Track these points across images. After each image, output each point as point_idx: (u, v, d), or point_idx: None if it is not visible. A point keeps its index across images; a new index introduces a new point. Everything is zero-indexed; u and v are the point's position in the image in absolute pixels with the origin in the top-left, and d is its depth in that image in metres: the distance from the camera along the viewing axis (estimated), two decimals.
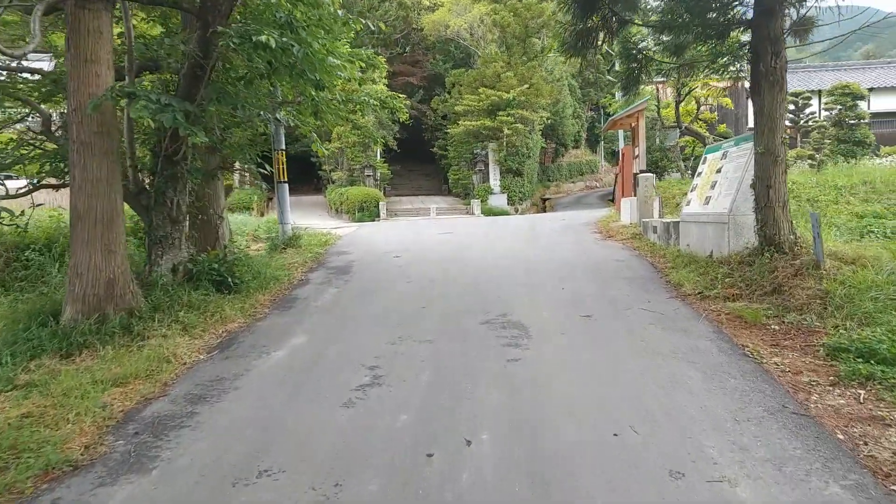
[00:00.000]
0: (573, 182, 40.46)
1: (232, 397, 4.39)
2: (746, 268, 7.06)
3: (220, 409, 4.19)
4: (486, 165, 28.22)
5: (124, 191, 7.29)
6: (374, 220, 22.53)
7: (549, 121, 31.91)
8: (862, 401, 4.00)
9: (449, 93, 30.49)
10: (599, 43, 7.79)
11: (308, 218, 23.62)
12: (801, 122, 25.23)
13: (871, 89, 26.30)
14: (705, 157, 9.69)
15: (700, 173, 9.59)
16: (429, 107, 32.97)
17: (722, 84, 25.36)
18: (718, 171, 8.74)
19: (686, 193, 19.02)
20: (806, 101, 24.82)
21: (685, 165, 24.89)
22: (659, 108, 22.69)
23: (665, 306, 6.69)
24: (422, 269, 9.59)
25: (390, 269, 9.74)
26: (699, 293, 7.02)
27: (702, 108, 24.17)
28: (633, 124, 14.86)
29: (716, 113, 24.75)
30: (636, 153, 14.27)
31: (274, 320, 6.65)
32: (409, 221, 22.70)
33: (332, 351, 5.44)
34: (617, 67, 24.72)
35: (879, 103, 26.65)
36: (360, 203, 23.39)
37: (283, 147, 12.47)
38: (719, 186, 8.45)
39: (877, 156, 22.20)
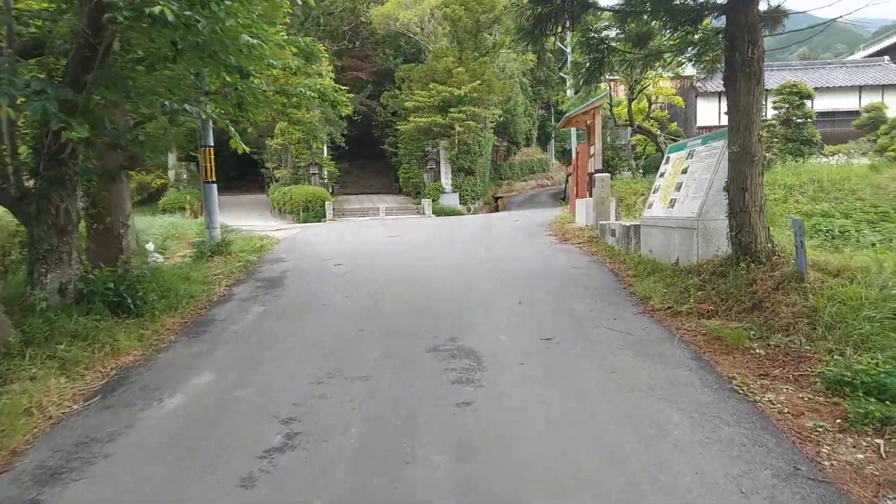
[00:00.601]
0: (525, 180, 40.06)
1: (96, 472, 3.34)
2: (720, 279, 6.38)
3: (73, 495, 3.13)
4: (438, 164, 27.35)
5: (4, 195, 6.08)
6: (319, 221, 21.32)
7: (501, 118, 31.26)
8: (885, 455, 3.28)
9: (399, 88, 29.47)
10: (559, 29, 7.00)
11: (249, 219, 22.20)
12: None
13: (815, 89, 26.65)
14: (668, 157, 9.05)
15: (663, 174, 8.95)
16: (378, 102, 31.84)
17: (672, 83, 25.32)
18: (684, 171, 8.09)
19: (646, 194, 18.63)
20: None
21: (636, 164, 24.67)
22: (611, 107, 22.27)
23: (633, 324, 5.93)
24: (365, 279, 8.61)
25: (329, 280, 8.71)
26: (669, 308, 6.30)
27: (653, 106, 23.95)
28: (588, 122, 14.23)
29: (667, 111, 24.59)
30: (592, 152, 13.65)
31: (179, 351, 5.55)
32: (356, 222, 21.61)
33: (243, 395, 4.41)
34: (570, 61, 24.29)
35: (822, 103, 27.07)
36: (304, 203, 22.13)
37: (211, 143, 11.24)
38: (686, 188, 7.80)
39: (822, 154, 22.42)
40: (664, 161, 9.17)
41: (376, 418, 3.91)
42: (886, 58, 29.45)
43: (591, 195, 13.19)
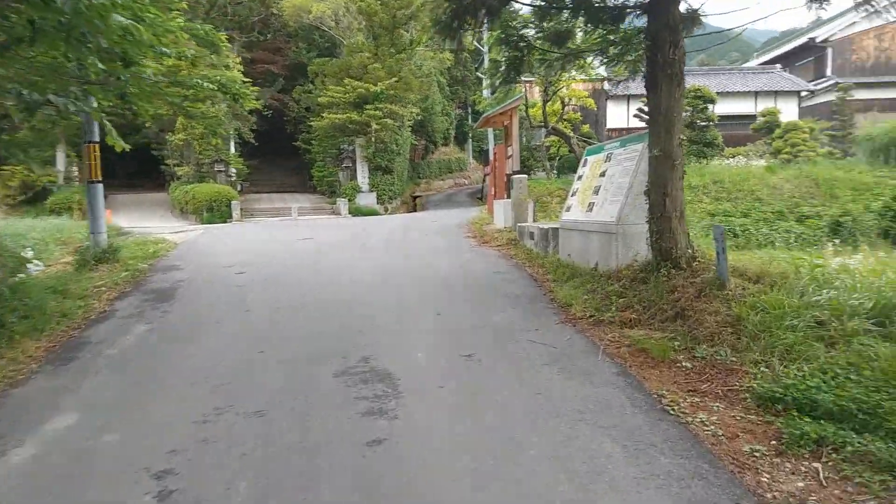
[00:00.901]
0: (443, 179, 39.92)
1: None
2: (641, 285, 6.22)
3: None
4: (354, 162, 26.55)
5: None
6: (225, 222, 20.02)
7: (419, 117, 30.85)
8: (825, 482, 3.08)
9: (312, 83, 28.36)
10: (477, 24, 6.61)
11: (147, 219, 20.54)
12: None
13: (717, 94, 27.97)
14: (586, 159, 8.92)
15: (581, 176, 8.79)
16: (291, 97, 30.55)
17: (584, 86, 25.85)
18: (602, 174, 7.94)
19: (562, 195, 18.75)
20: None
21: (551, 165, 24.98)
22: (527, 108, 22.38)
23: (556, 336, 5.62)
24: (269, 290, 7.88)
25: (229, 291, 7.90)
26: (591, 316, 6.06)
27: (567, 108, 24.32)
28: (505, 122, 14.04)
29: (580, 114, 25.05)
30: (509, 153, 13.46)
31: (38, 385, 4.67)
32: (266, 223, 20.48)
33: (110, 442, 3.67)
34: (487, 60, 24.19)
35: (722, 107, 28.54)
36: (208, 202, 20.74)
37: (96, 139, 10.03)
38: (604, 192, 7.64)
39: (723, 156, 23.58)
40: (581, 163, 9.04)
41: (271, 468, 3.31)
42: (778, 66, 31.52)
43: (509, 196, 12.99)
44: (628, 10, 6.10)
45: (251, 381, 4.68)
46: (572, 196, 8.83)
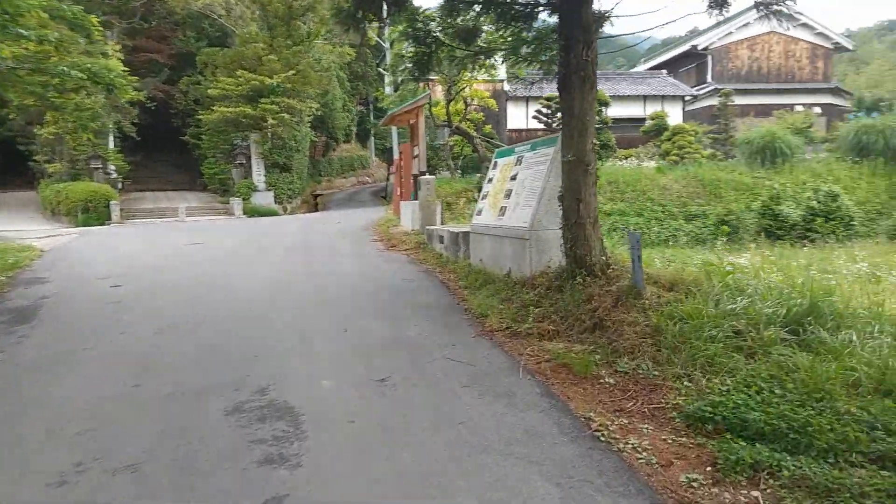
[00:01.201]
0: (345, 177, 38.94)
1: None
2: (557, 294, 6.02)
3: None
4: (249, 158, 25.11)
5: None
6: (104, 224, 18.16)
7: (319, 112, 29.75)
8: None
9: (202, 74, 26.49)
10: (382, 14, 6.11)
11: (14, 222, 18.23)
12: (554, 124, 26.90)
13: (610, 97, 29.10)
14: (496, 162, 8.68)
15: (491, 179, 8.55)
16: (178, 89, 28.40)
17: (485, 86, 25.97)
18: (513, 177, 7.72)
19: (469, 196, 18.59)
20: (558, 106, 26.44)
21: (454, 165, 24.87)
22: (430, 107, 22.07)
23: (474, 351, 5.28)
24: (150, 307, 6.97)
25: (102, 308, 6.91)
26: (508, 328, 5.78)
27: (469, 108, 24.29)
28: (411, 121, 13.62)
29: (482, 114, 25.12)
30: (416, 152, 13.06)
31: None
32: (150, 225, 18.82)
33: None
34: (390, 57, 23.68)
35: (614, 110, 29.78)
36: (83, 203, 18.74)
37: None
38: (516, 196, 7.42)
39: (616, 158, 24.54)
40: (491, 166, 8.80)
41: None
42: (664, 71, 33.39)
43: (416, 197, 12.59)
44: (540, 9, 5.86)
45: (124, 424, 3.94)
46: (483, 199, 8.57)
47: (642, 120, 30.05)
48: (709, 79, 32.46)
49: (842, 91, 32.78)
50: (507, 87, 30.02)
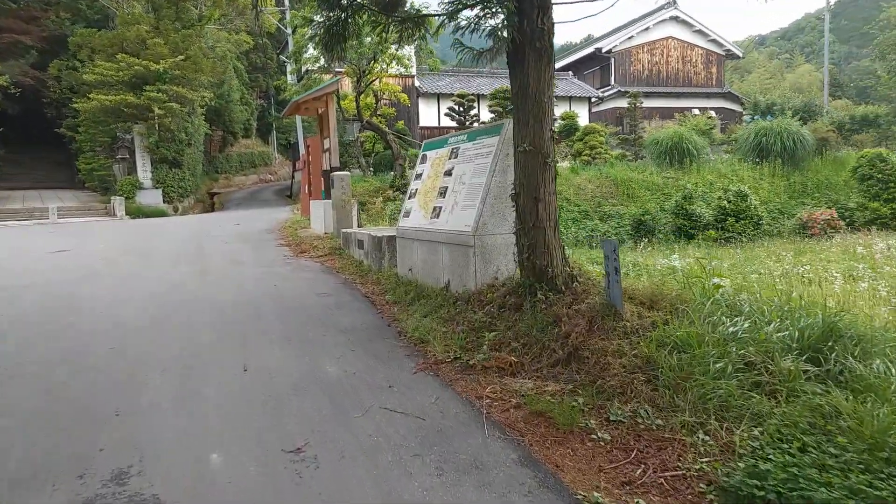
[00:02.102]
0: (245, 174, 36.28)
1: None
2: (513, 314, 4.92)
3: None
4: (133, 153, 22.32)
5: None
6: None
7: (214, 103, 27.25)
8: None
9: (77, 57, 23.32)
10: None
11: None
12: (467, 122, 26.12)
13: None
14: (424, 155, 7.47)
15: (420, 175, 7.34)
16: (51, 75, 24.95)
17: (395, 80, 24.69)
18: (448, 173, 6.56)
19: (387, 195, 17.22)
20: (470, 103, 25.70)
21: (366, 162, 23.42)
22: (338, 99, 20.51)
23: (419, 395, 4.05)
24: None
25: None
26: (457, 359, 4.61)
27: (380, 102, 22.91)
28: (320, 110, 12.12)
29: (394, 108, 23.83)
30: (326, 146, 11.59)
31: None
32: (14, 228, 15.98)
33: None
34: (292, 44, 21.76)
35: None
36: None
37: None
38: (453, 194, 6.26)
39: None
40: (419, 160, 7.59)
41: None
42: (570, 73, 33.60)
43: (328, 196, 11.15)
44: None
45: None
46: (410, 198, 7.34)
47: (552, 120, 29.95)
48: (612, 81, 33.03)
49: (733, 96, 34.50)
50: (417, 82, 28.92)
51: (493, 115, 22.85)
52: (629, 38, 32.56)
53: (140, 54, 21.60)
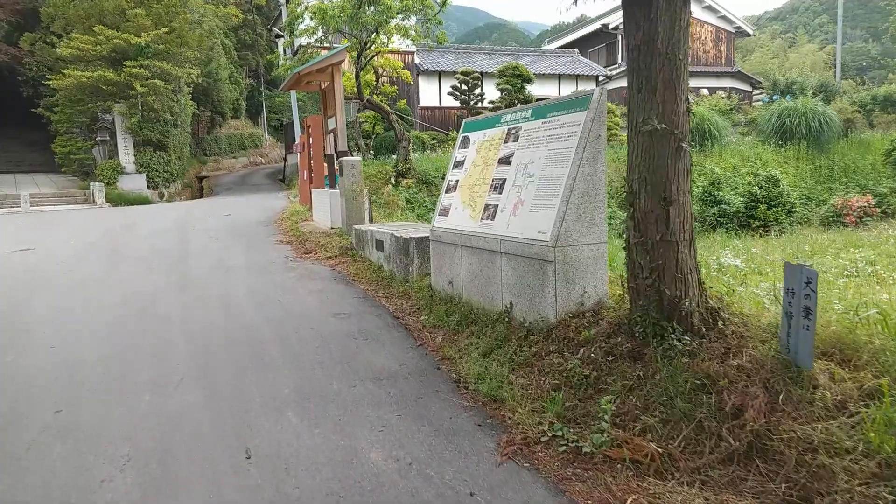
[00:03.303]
0: (235, 157, 34.37)
1: None
2: (631, 365, 3.41)
3: None
4: (114, 135, 20.45)
5: None
6: None
7: (201, 81, 25.30)
8: None
9: (51, 30, 21.28)
10: None
11: None
12: (472, 102, 24.43)
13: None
14: (467, 138, 5.88)
15: (461, 163, 5.75)
16: (24, 50, 22.91)
17: (396, 56, 22.88)
18: (505, 161, 4.99)
19: (394, 181, 15.57)
20: (475, 81, 24.00)
21: (366, 144, 21.71)
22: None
23: None
24: None
25: None
26: (557, 438, 3.11)
27: (381, 79, 21.14)
28: (324, 84, 10.46)
29: (396, 87, 22.08)
30: (331, 126, 9.96)
31: None
32: None
33: None
34: (286, 14, 19.89)
35: (530, 90, 27.80)
36: None
37: None
38: (516, 190, 4.70)
39: None
40: (458, 143, 5.99)
41: None
42: (576, 50, 31.84)
43: (332, 185, 9.55)
44: None
45: None
46: (448, 192, 5.76)
47: None
48: (619, 59, 31.33)
49: (743, 75, 32.95)
50: (417, 59, 27.11)
51: (502, 94, 21.17)
52: None
53: (120, 27, 19.65)
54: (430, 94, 27.62)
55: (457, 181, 5.71)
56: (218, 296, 6.03)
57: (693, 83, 30.82)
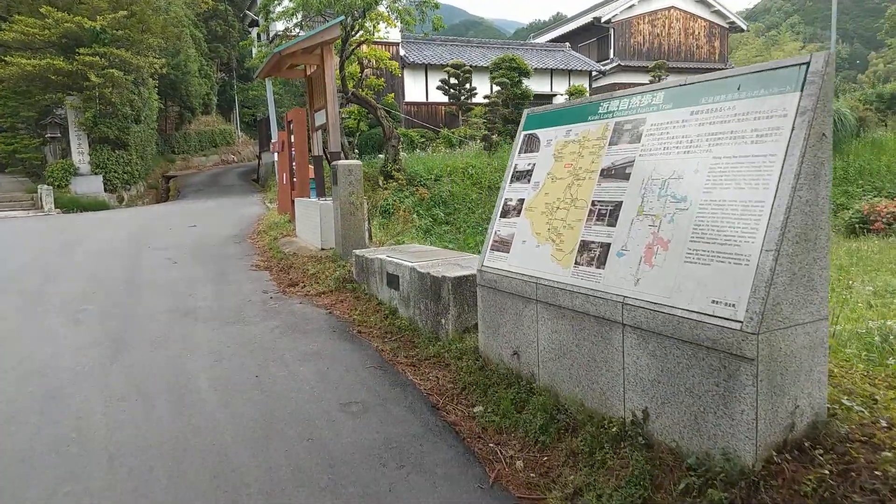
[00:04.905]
0: (205, 155, 31.95)
1: None
2: None
3: None
4: (67, 131, 18.07)
5: None
6: None
7: (169, 74, 22.97)
8: None
9: None
10: None
11: None
12: (463, 98, 22.58)
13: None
14: (533, 136, 3.99)
15: (527, 172, 3.87)
16: None
17: (382, 48, 20.87)
18: (617, 173, 3.13)
19: (391, 188, 13.57)
20: (466, 75, 22.15)
21: (349, 143, 19.68)
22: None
23: None
24: None
25: None
26: None
27: (366, 70, 19.12)
28: (311, 68, 8.48)
29: (383, 79, 20.07)
30: (320, 121, 7.99)
31: None
32: None
33: None
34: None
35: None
36: None
37: None
38: (651, 220, 2.82)
39: None
40: (520, 144, 4.08)
41: None
42: (567, 44, 30.17)
43: (322, 194, 7.60)
44: None
45: None
46: (508, 216, 3.88)
47: (550, 97, 26.63)
48: (611, 55, 29.78)
49: None
50: (402, 51, 25.11)
51: (498, 89, 19.34)
52: (630, 6, 29.27)
53: (72, 8, 17.31)
54: (417, 88, 25.65)
55: (520, 200, 3.83)
56: (166, 376, 4.05)
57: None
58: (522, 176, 3.91)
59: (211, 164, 31.12)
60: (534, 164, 3.85)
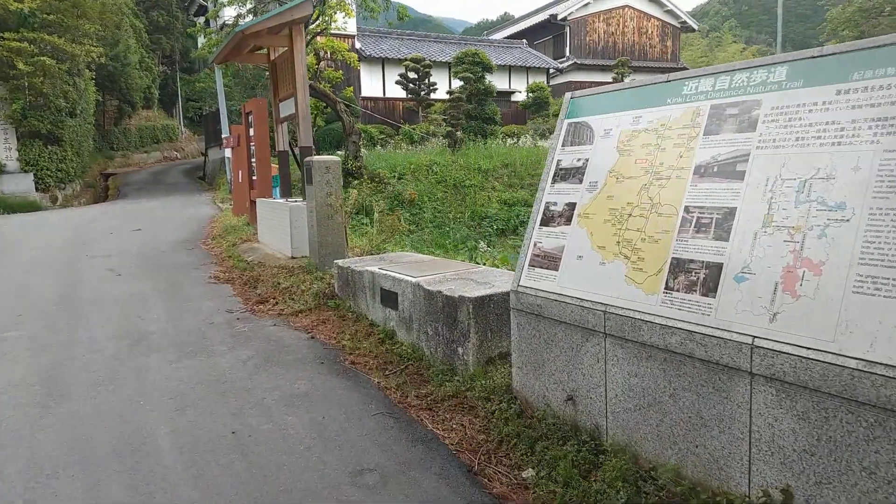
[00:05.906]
0: (147, 152, 29.86)
1: None
2: None
3: None
4: None
5: None
6: None
7: (108, 65, 21.11)
8: None
9: None
10: None
11: None
12: (423, 93, 21.69)
13: None
14: (583, 125, 3.20)
15: (576, 170, 3.08)
16: None
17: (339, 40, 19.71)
18: (721, 169, 2.38)
19: (363, 190, 12.59)
20: (426, 69, 21.27)
21: None
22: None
23: None
24: None
25: None
26: None
27: (322, 63, 17.94)
28: (277, 52, 7.42)
29: (341, 71, 18.91)
30: (286, 112, 6.97)
31: None
32: None
33: None
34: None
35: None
36: None
37: None
38: (790, 235, 2.08)
39: (500, 136, 20.14)
40: (563, 135, 3.28)
41: None
42: (524, 41, 29.68)
43: (285, 193, 6.60)
44: None
45: None
46: (554, 223, 3.09)
47: (508, 93, 26.05)
48: (567, 52, 29.49)
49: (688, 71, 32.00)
50: (358, 44, 23.97)
51: (461, 84, 18.55)
52: (585, 4, 29.03)
53: None
54: (374, 82, 24.54)
55: (570, 205, 3.04)
56: (115, 434, 3.05)
57: (641, 78, 29.50)
58: (570, 174, 3.12)
59: (153, 162, 29.08)
60: (586, 160, 3.06)
